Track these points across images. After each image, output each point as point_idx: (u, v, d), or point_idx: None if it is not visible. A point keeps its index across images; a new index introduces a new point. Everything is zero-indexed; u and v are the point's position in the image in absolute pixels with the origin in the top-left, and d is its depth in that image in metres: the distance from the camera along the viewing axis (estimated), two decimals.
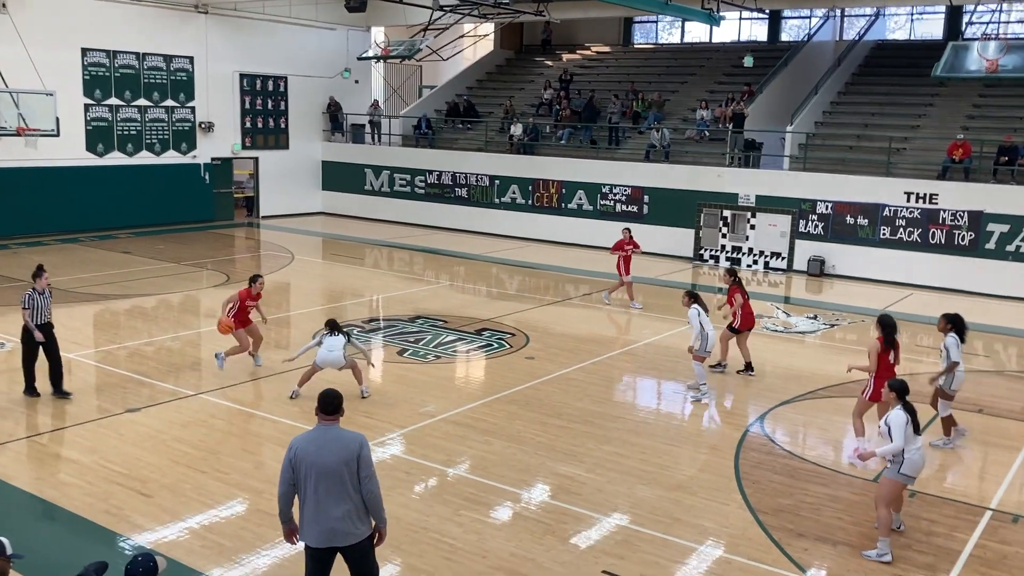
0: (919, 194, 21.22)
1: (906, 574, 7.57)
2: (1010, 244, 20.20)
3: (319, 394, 6.04)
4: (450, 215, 28.52)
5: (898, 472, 7.81)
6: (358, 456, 5.81)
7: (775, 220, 23.13)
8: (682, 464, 9.87)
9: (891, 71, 27.10)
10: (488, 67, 34.57)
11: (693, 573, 7.51)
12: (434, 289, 19.43)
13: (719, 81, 29.01)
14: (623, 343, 15.04)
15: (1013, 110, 23.68)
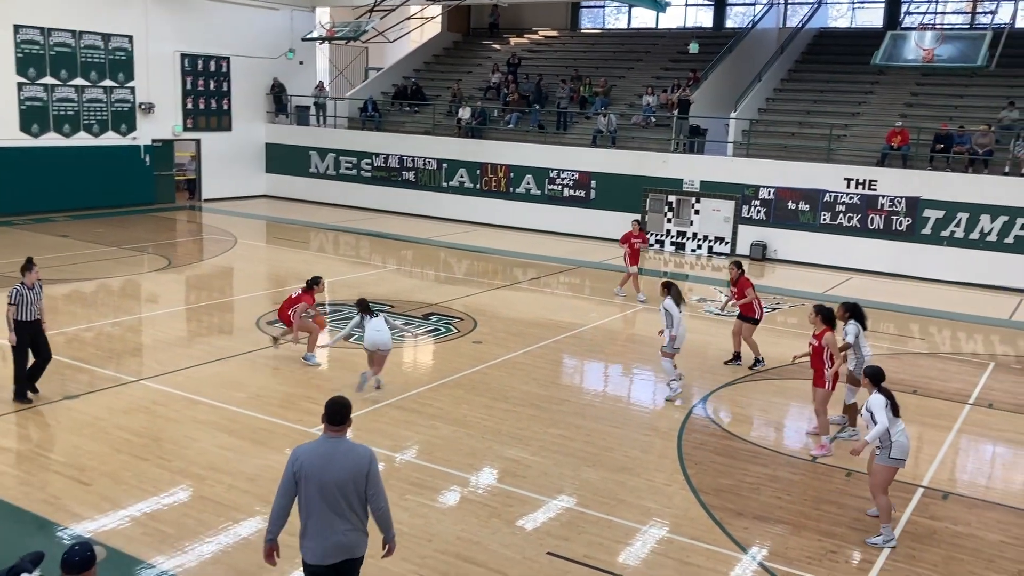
0: (859, 180, 21.69)
1: (841, 550, 7.79)
2: (945, 229, 20.77)
3: (327, 403, 5.57)
4: (397, 199, 28.35)
5: (888, 457, 7.90)
6: (367, 473, 5.42)
7: (719, 205, 23.44)
8: (626, 446, 10.00)
9: (832, 59, 27.60)
10: (435, 49, 34.36)
11: (637, 553, 7.63)
12: (381, 273, 19.32)
13: (665, 67, 29.24)
14: (570, 327, 15.15)
15: (949, 99, 24.29)
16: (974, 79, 23.79)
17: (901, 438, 7.91)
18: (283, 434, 9.90)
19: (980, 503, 8.77)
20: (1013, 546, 8.00)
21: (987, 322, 17.14)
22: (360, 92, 31.61)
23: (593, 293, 18.46)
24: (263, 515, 7.97)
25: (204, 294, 16.97)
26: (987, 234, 20.34)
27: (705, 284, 20.06)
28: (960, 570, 7.53)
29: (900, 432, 7.93)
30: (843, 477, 9.39)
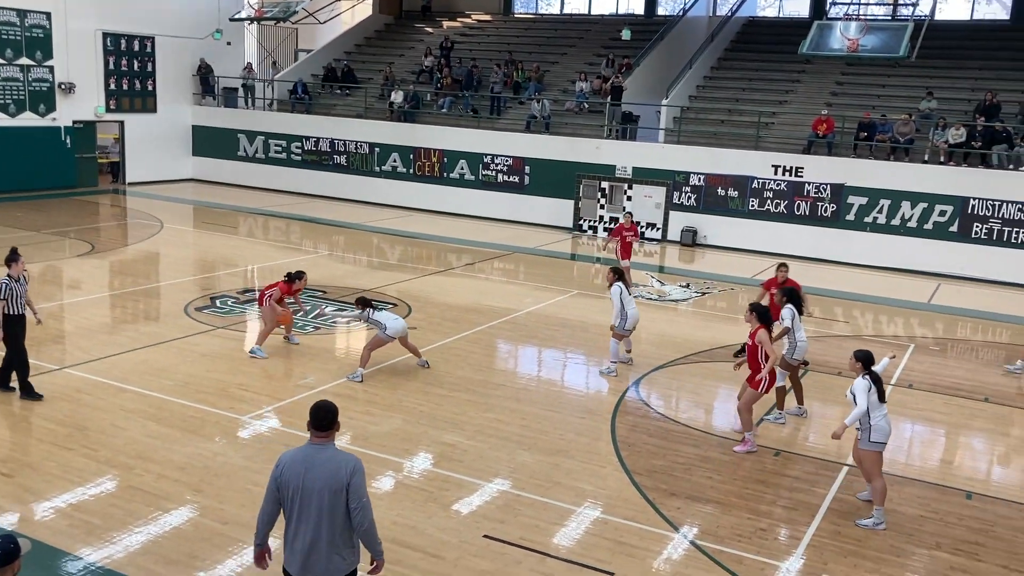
0: (786, 167, 22.17)
1: (771, 528, 8.00)
2: (868, 216, 21.39)
3: (312, 407, 5.27)
4: (328, 183, 27.98)
5: (869, 441, 8.05)
6: (347, 485, 5.07)
7: (650, 191, 23.72)
8: (561, 429, 10.09)
9: (761, 48, 28.10)
10: (367, 32, 33.93)
11: (572, 534, 7.71)
12: (313, 259, 19.07)
13: (598, 53, 29.38)
14: (504, 312, 15.18)
15: (872, 88, 24.96)
16: (896, 69, 24.47)
17: (881, 422, 8.03)
18: (214, 422, 9.73)
19: (901, 479, 9.09)
20: (931, 520, 8.32)
21: (907, 305, 17.72)
22: (290, 74, 31.05)
23: (528, 279, 18.52)
24: (194, 504, 7.84)
25: (129, 280, 16.52)
26: (908, 220, 21.01)
27: (637, 269, 20.27)
28: (882, 544, 7.80)
29: (882, 417, 8.04)
30: (772, 457, 9.63)
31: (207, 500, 7.95)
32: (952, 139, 21.24)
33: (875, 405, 8.06)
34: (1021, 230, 19.99)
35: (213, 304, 14.76)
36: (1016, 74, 23.91)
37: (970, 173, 20.69)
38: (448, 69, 28.98)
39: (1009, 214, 20.06)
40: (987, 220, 20.29)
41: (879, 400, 8.07)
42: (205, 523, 7.55)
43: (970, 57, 25.18)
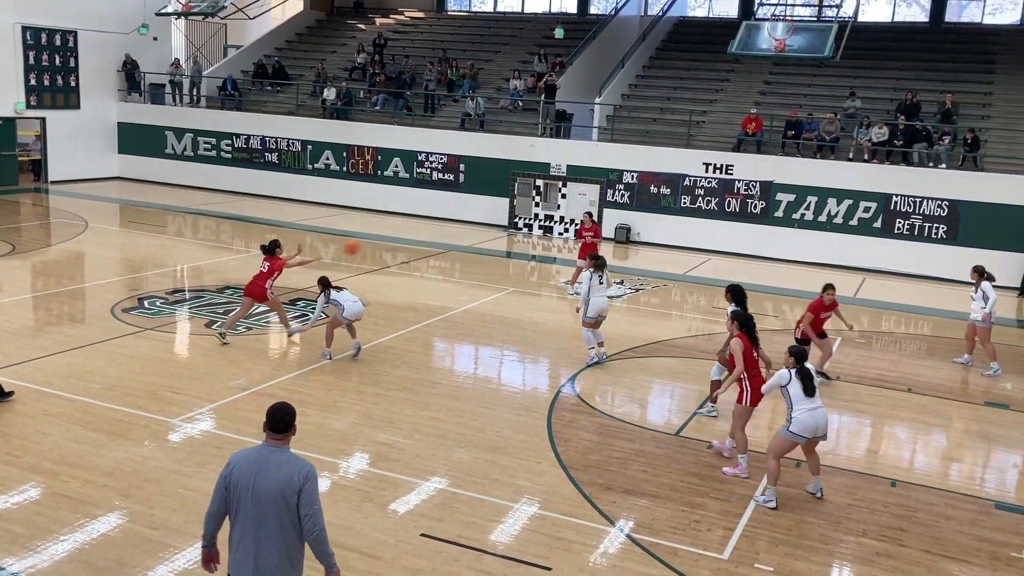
0: (716, 165, 22.55)
1: (704, 519, 8.13)
2: (795, 212, 21.89)
3: (269, 408, 5.14)
4: (260, 181, 27.53)
5: (787, 430, 8.30)
6: (299, 491, 4.93)
7: (585, 189, 23.89)
8: (498, 426, 10.10)
9: (691, 47, 28.52)
10: (298, 28, 33.48)
11: (509, 531, 7.73)
12: (244, 258, 18.74)
13: (531, 51, 29.46)
14: (440, 310, 15.14)
15: (799, 87, 25.55)
16: (822, 69, 25.08)
17: (803, 416, 8.24)
18: (143, 426, 9.49)
19: (828, 469, 9.31)
20: (858, 508, 8.55)
21: None
22: (219, 70, 30.45)
23: (463, 277, 18.50)
24: (122, 510, 7.65)
25: (53, 281, 16.02)
26: (834, 216, 21.56)
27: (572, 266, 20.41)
28: (812, 532, 8.00)
29: (805, 411, 8.24)
30: (705, 450, 9.79)
31: (136, 505, 7.75)
32: (875, 137, 21.86)
33: (799, 398, 8.27)
34: (941, 226, 20.69)
35: (141, 305, 14.40)
36: (935, 74, 24.72)
37: (892, 171, 21.32)
38: (381, 66, 28.76)
39: (929, 210, 20.74)
40: (909, 216, 20.94)
41: (804, 393, 8.27)
42: (135, 529, 7.37)
43: (891, 58, 25.94)
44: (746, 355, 9.01)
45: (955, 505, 8.76)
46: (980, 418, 11.39)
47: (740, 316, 9.48)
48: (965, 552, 7.80)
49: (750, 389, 9.00)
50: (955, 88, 23.55)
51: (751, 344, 9.14)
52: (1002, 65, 25.07)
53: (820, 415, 8.34)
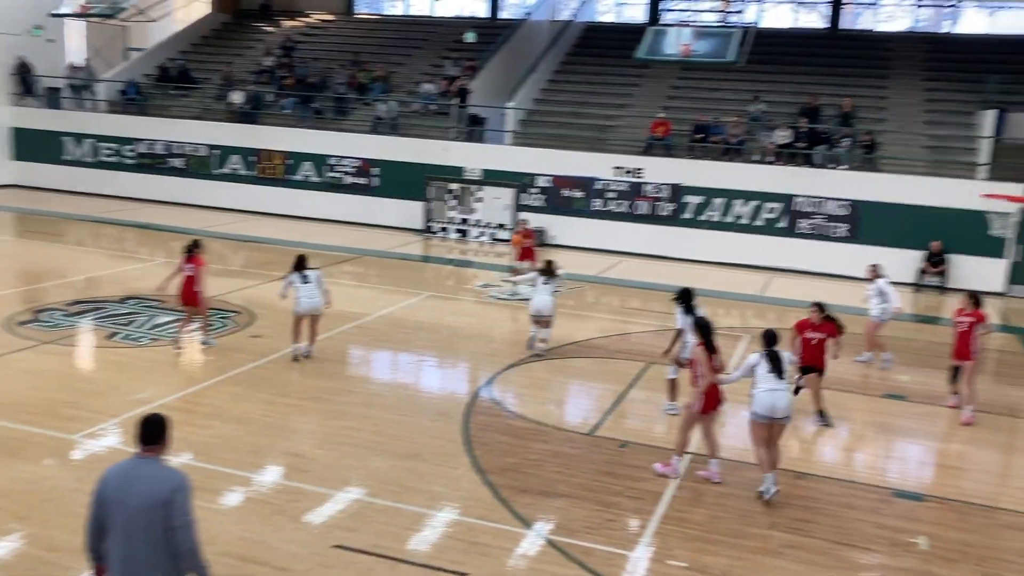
0: (627, 168, 22.90)
1: (619, 518, 8.22)
2: (703, 214, 22.38)
3: (139, 420, 5.05)
4: (165, 187, 26.75)
5: (752, 412, 8.73)
6: (167, 502, 4.82)
7: (499, 193, 23.96)
8: (414, 433, 10.02)
9: (601, 52, 28.89)
10: (203, 31, 32.68)
11: (425, 538, 7.67)
12: (148, 267, 18.17)
13: (443, 55, 29.43)
14: (354, 317, 14.94)
15: (706, 91, 26.14)
16: (727, 74, 25.71)
17: (762, 396, 8.64)
18: (39, 443, 9.09)
19: (740, 464, 9.53)
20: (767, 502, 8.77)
21: (742, 298, 18.66)
22: (120, 74, 29.49)
23: (378, 282, 18.33)
24: (18, 532, 7.31)
25: None
26: (740, 217, 22.13)
27: (488, 271, 20.46)
28: (723, 528, 8.16)
29: (764, 391, 8.64)
30: (618, 448, 9.90)
31: (33, 527, 7.42)
32: (779, 140, 22.53)
33: (763, 378, 8.67)
34: (841, 225, 21.43)
35: (38, 318, 13.81)
36: (834, 79, 25.61)
37: (795, 172, 22.00)
38: (290, 69, 28.29)
39: (831, 210, 21.46)
40: (811, 216, 21.64)
41: (771, 374, 8.64)
42: (31, 552, 7.05)
43: (793, 63, 26.78)
44: (709, 363, 8.94)
45: (857, 495, 9.06)
46: (879, 410, 11.82)
47: (700, 322, 9.30)
48: (867, 540, 8.08)
49: (704, 397, 8.96)
50: (853, 92, 24.44)
51: (710, 353, 9.02)
52: (895, 70, 26.15)
53: (779, 397, 8.64)
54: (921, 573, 7.54)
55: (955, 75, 25.18)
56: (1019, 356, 15.35)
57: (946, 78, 25.25)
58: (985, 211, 20.23)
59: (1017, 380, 13.82)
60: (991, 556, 7.91)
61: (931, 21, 29.98)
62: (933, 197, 20.75)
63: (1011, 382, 13.68)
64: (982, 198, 19.83)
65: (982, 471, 10.05)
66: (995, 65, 24.19)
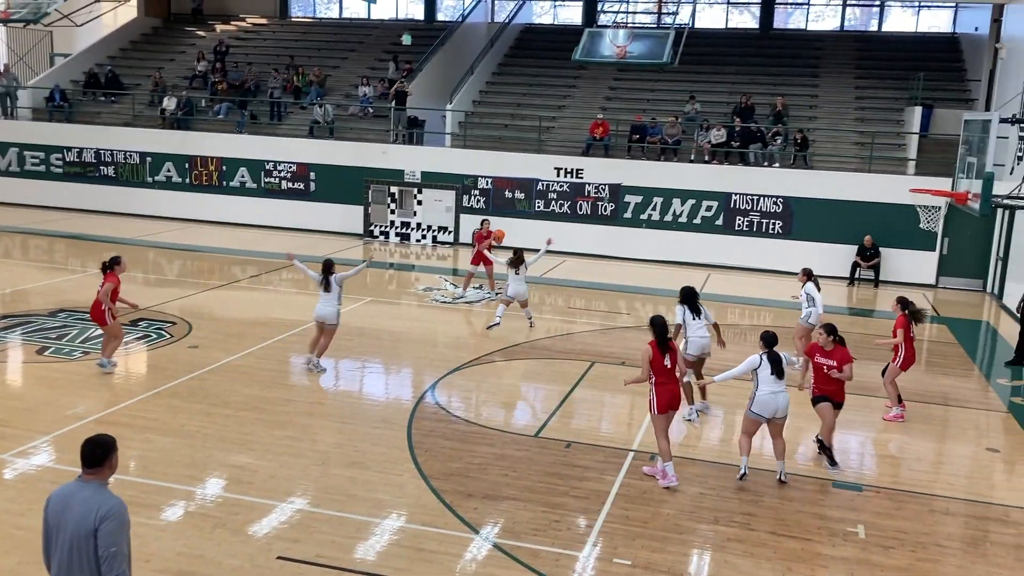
0: (567, 169, 23.02)
1: (564, 518, 8.24)
2: (643, 213, 22.60)
3: (83, 441, 4.94)
4: (95, 196, 26.10)
5: (750, 409, 9.12)
6: (94, 530, 4.63)
7: (440, 195, 23.87)
8: (356, 441, 9.91)
9: (538, 54, 29.01)
10: (132, 35, 31.95)
11: (371, 547, 7.59)
12: (80, 279, 17.69)
13: (379, 58, 29.25)
14: (294, 324, 14.74)
15: (642, 92, 26.41)
16: (662, 75, 26.02)
17: (765, 397, 9.01)
18: None
19: (683, 460, 9.62)
20: (710, 496, 8.88)
21: None
22: (45, 80, 28.66)
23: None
24: None
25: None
26: (679, 216, 22.40)
27: (431, 272, 20.37)
28: (667, 524, 8.23)
29: (767, 393, 9.01)
30: (563, 449, 9.93)
31: None
32: (714, 139, 22.87)
33: (766, 380, 9.02)
34: (776, 221, 21.83)
35: None
36: (766, 78, 26.09)
37: (731, 171, 22.36)
38: (223, 74, 27.82)
39: (766, 207, 21.85)
40: (748, 213, 22.00)
41: (772, 375, 8.96)
42: None
43: (726, 63, 27.22)
44: (653, 363, 8.92)
45: (797, 487, 9.22)
46: None
47: (655, 321, 9.18)
48: (807, 531, 8.23)
49: (656, 396, 8.94)
50: (785, 91, 24.93)
51: (660, 352, 8.98)
52: (825, 68, 26.74)
53: (781, 399, 9.06)
54: (859, 561, 7.70)
55: (883, 73, 25.85)
56: (951, 346, 15.80)
57: (875, 76, 25.91)
58: (915, 205, 20.81)
59: (948, 370, 14.23)
60: (926, 542, 8.12)
61: (860, 20, 30.72)
62: (864, 192, 21.27)
63: (943, 372, 14.08)
64: (911, 193, 20.37)
65: (916, 459, 10.31)
66: (921, 63, 24.91)
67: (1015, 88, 19.31)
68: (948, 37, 28.09)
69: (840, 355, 9.60)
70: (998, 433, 11.42)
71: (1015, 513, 8.91)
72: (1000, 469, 10.23)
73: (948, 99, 23.91)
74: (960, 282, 21.09)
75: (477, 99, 26.74)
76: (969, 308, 19.26)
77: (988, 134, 12.79)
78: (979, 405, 12.46)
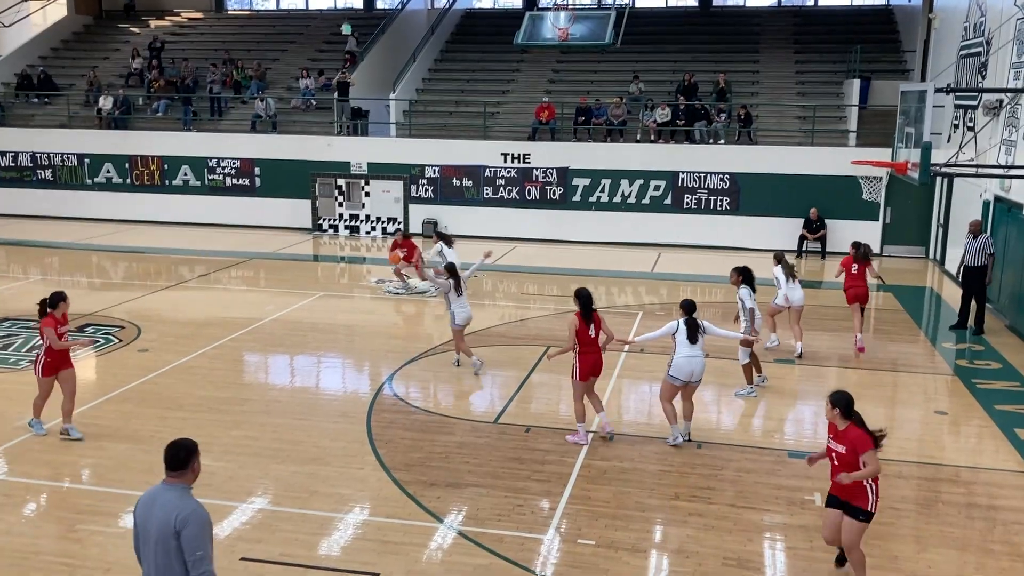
0: (514, 154, 23.00)
1: (527, 502, 8.28)
2: (592, 195, 22.69)
3: (167, 445, 4.98)
4: (33, 201, 25.46)
5: (668, 374, 9.46)
6: (177, 534, 4.69)
7: (388, 186, 23.71)
8: (316, 437, 9.84)
9: (480, 39, 28.90)
10: (63, 34, 31.12)
11: (335, 542, 7.56)
12: (22, 285, 17.27)
13: (320, 49, 28.89)
14: (247, 323, 14.56)
15: (585, 74, 26.46)
16: (604, 56, 26.07)
17: (681, 362, 9.37)
18: None
19: (641, 439, 9.74)
20: (670, 473, 8.99)
21: (634, 276, 19.02)
22: None
23: (269, 284, 17.90)
24: None
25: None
26: (628, 197, 22.54)
27: (381, 265, 20.24)
28: (628, 501, 8.33)
29: (684, 358, 9.37)
30: (523, 433, 9.97)
31: None
32: (659, 119, 23.01)
33: (682, 344, 9.40)
34: (724, 198, 22.08)
35: None
36: (708, 56, 26.31)
37: (677, 149, 22.54)
38: (160, 71, 27.26)
39: (713, 184, 22.08)
40: (695, 191, 22.21)
41: (687, 340, 9.37)
42: None
43: (668, 42, 27.38)
44: (579, 334, 9.55)
45: (754, 459, 9.39)
46: (770, 375, 12.22)
47: (581, 292, 9.81)
48: (765, 501, 8.38)
49: (580, 364, 9.54)
50: (726, 68, 25.16)
51: (584, 323, 9.57)
52: (765, 44, 27.04)
53: (696, 363, 9.36)
54: (818, 528, 7.85)
55: (822, 47, 26.24)
56: (896, 313, 16.16)
57: (813, 50, 26.28)
58: (857, 176, 21.19)
59: (895, 336, 14.56)
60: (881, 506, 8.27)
61: None
62: (808, 166, 21.60)
63: (890, 338, 14.40)
64: (853, 164, 20.74)
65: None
66: (858, 36, 25.31)
67: (949, 58, 19.74)
68: (883, 8, 28.57)
69: (854, 439, 6.64)
70: (945, 396, 11.72)
71: (964, 472, 9.18)
72: (948, 431, 10.51)
73: (885, 71, 24.34)
74: (903, 250, 21.56)
75: (420, 87, 26.57)
76: (913, 275, 19.70)
77: (924, 104, 13.05)
78: (926, 369, 12.78)
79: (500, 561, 7.25)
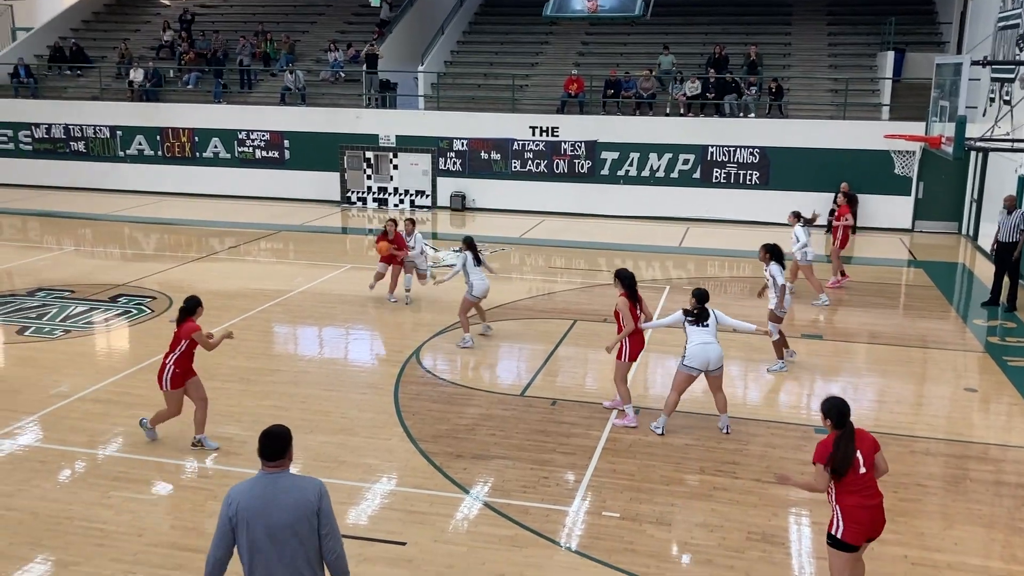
0: (542, 127, 22.90)
1: (553, 474, 8.34)
2: (620, 169, 22.57)
3: (261, 434, 4.78)
4: (67, 173, 25.78)
5: (682, 364, 9.11)
6: (318, 510, 4.66)
7: (416, 159, 23.73)
8: (344, 407, 9.96)
9: (509, 10, 28.64)
10: (95, 6, 31.30)
11: (362, 511, 7.66)
12: (57, 256, 17.54)
13: (349, 21, 28.84)
14: (276, 294, 14.70)
15: (616, 47, 26.21)
16: (634, 28, 25.79)
17: (695, 350, 9.03)
18: None
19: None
20: (696, 447, 9.01)
21: (662, 250, 18.94)
22: (8, 55, 28.09)
23: (298, 256, 18.04)
24: None
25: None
26: (656, 170, 22.39)
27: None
28: (654, 475, 8.35)
29: (697, 344, 9.03)
30: (549, 407, 10.02)
31: None
32: (689, 92, 22.78)
33: (694, 331, 9.10)
34: (754, 172, 21.87)
35: None
36: (739, 27, 25.95)
37: (707, 123, 22.31)
38: (190, 43, 27.38)
39: (743, 158, 21.87)
40: (724, 165, 22.02)
41: (698, 327, 9.09)
42: None
43: (699, 13, 27.00)
44: (633, 313, 9.37)
45: (780, 434, 9.37)
46: (798, 350, 12.16)
47: (624, 274, 9.60)
48: None
49: (630, 346, 9.41)
50: (758, 40, 24.80)
51: (633, 303, 9.44)
52: (797, 16, 26.61)
53: (711, 350, 9.05)
54: None
55: (855, 19, 25.76)
56: (927, 289, 15.98)
57: (847, 22, 25.82)
58: (889, 151, 20.89)
59: (925, 312, 14.41)
60: (908, 482, 8.28)
61: None
62: (839, 140, 21.32)
63: (920, 314, 14.26)
64: (886, 138, 20.44)
65: (896, 402, 10.48)
66: (892, 7, 24.80)
67: (985, 30, 19.33)
68: None
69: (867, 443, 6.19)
70: (975, 373, 11.61)
71: (993, 450, 9.11)
72: (978, 408, 10.42)
73: (920, 43, 23.89)
74: (935, 225, 21.27)
75: (449, 59, 26.47)
76: (945, 251, 19.45)
77: (960, 77, 12.80)
78: (957, 346, 12.65)
79: (525, 532, 7.32)
